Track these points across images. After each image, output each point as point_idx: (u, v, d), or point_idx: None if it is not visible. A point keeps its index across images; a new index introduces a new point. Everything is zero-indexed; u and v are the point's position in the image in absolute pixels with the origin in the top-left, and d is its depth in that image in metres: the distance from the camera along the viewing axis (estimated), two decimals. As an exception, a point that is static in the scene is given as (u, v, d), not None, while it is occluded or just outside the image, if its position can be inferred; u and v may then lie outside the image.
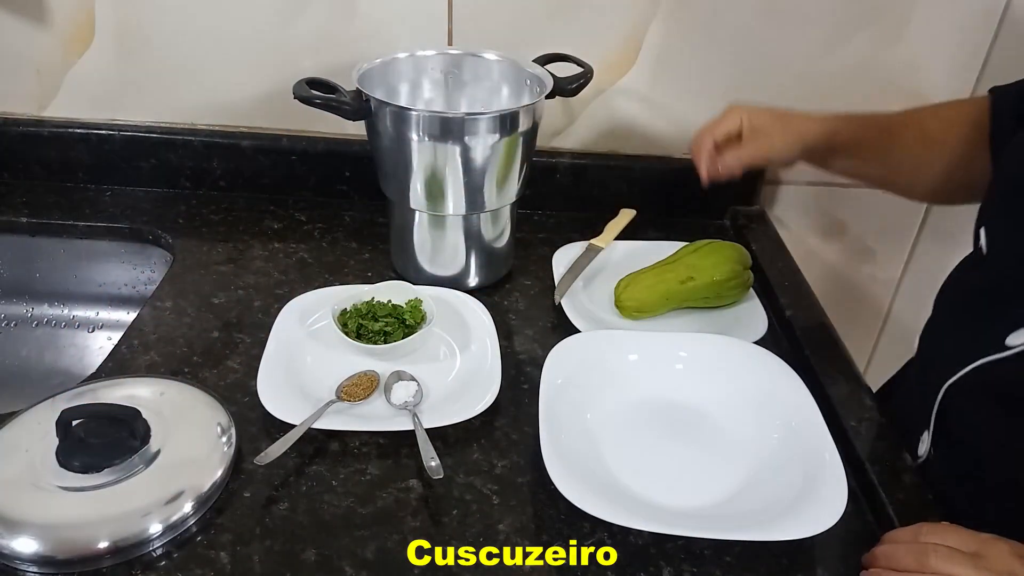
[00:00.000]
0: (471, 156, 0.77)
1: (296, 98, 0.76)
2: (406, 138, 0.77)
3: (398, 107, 0.77)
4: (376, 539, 0.59)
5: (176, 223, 0.96)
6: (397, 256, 0.89)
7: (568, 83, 0.83)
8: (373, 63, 0.83)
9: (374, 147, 0.82)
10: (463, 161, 0.77)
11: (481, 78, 0.89)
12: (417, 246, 0.85)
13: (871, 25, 0.94)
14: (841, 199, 1.08)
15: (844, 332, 0.83)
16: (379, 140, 0.80)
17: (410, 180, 0.80)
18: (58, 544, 0.56)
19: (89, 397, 0.66)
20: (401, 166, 0.79)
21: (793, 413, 0.68)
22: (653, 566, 0.59)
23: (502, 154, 0.78)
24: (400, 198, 0.83)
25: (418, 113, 0.77)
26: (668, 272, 0.84)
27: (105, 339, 0.99)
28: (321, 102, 0.76)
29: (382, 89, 0.84)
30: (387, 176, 0.83)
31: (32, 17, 0.93)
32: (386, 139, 0.78)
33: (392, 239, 0.90)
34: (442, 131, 0.76)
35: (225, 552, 0.57)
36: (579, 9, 0.93)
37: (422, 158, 0.77)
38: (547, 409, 0.66)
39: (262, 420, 0.68)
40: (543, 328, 0.83)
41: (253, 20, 0.93)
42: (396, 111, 0.76)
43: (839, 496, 0.59)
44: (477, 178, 0.79)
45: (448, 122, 0.76)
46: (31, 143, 0.99)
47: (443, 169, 0.78)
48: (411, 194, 0.81)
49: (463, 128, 0.75)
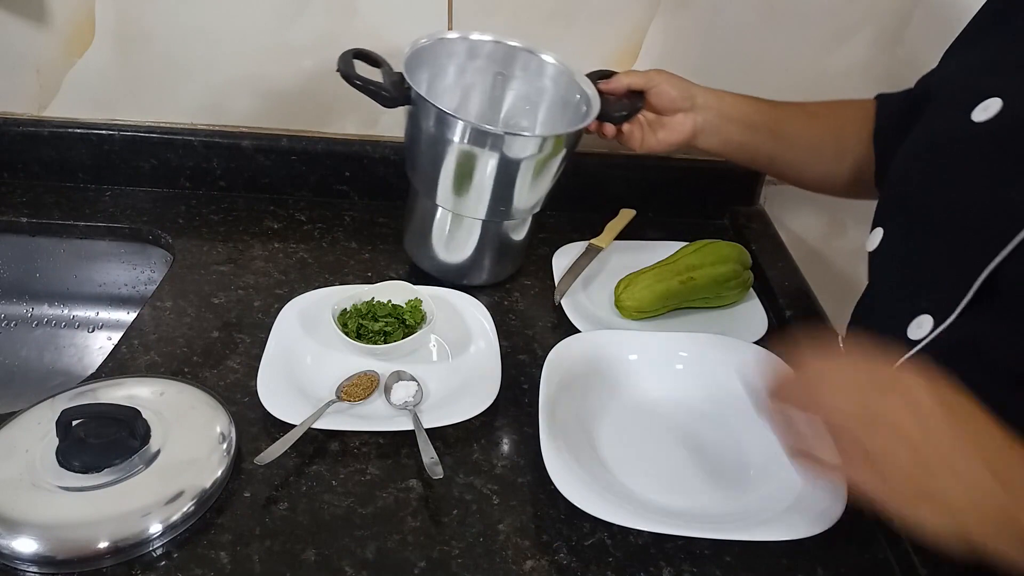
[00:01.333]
0: (504, 169, 0.77)
1: (338, 71, 0.75)
2: (444, 138, 0.76)
3: (438, 108, 0.74)
4: (376, 539, 0.59)
5: (176, 223, 0.96)
6: (411, 242, 0.89)
7: (617, 109, 0.81)
8: (422, 43, 0.80)
9: (410, 136, 0.81)
10: (496, 171, 0.77)
11: (532, 78, 0.87)
12: (434, 237, 0.85)
13: (871, 25, 0.94)
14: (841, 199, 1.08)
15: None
16: (416, 131, 0.79)
17: (439, 177, 0.79)
18: (58, 544, 0.56)
19: (89, 397, 0.66)
20: (433, 162, 0.79)
21: (793, 413, 0.68)
22: (653, 566, 0.59)
23: (534, 171, 0.78)
24: (426, 191, 0.82)
25: (458, 121, 0.74)
26: (668, 272, 0.84)
27: (105, 339, 0.99)
28: (361, 84, 0.75)
29: (428, 70, 0.82)
30: (417, 168, 0.82)
31: (32, 17, 0.93)
32: (423, 133, 0.77)
33: (408, 225, 0.89)
34: (479, 140, 0.75)
35: (225, 552, 0.57)
36: (579, 9, 0.93)
37: (455, 159, 0.77)
38: (547, 409, 0.66)
39: (262, 420, 0.68)
40: (543, 328, 0.83)
41: (253, 20, 0.93)
42: (436, 112, 0.75)
43: (839, 496, 0.59)
44: (505, 189, 0.79)
45: (485, 135, 0.75)
46: (31, 143, 0.99)
47: (473, 174, 0.77)
48: (439, 190, 0.80)
49: (501, 143, 0.75)
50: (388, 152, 0.99)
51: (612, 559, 0.59)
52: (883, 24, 0.94)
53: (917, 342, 0.61)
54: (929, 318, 0.60)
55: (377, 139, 1.00)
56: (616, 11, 0.93)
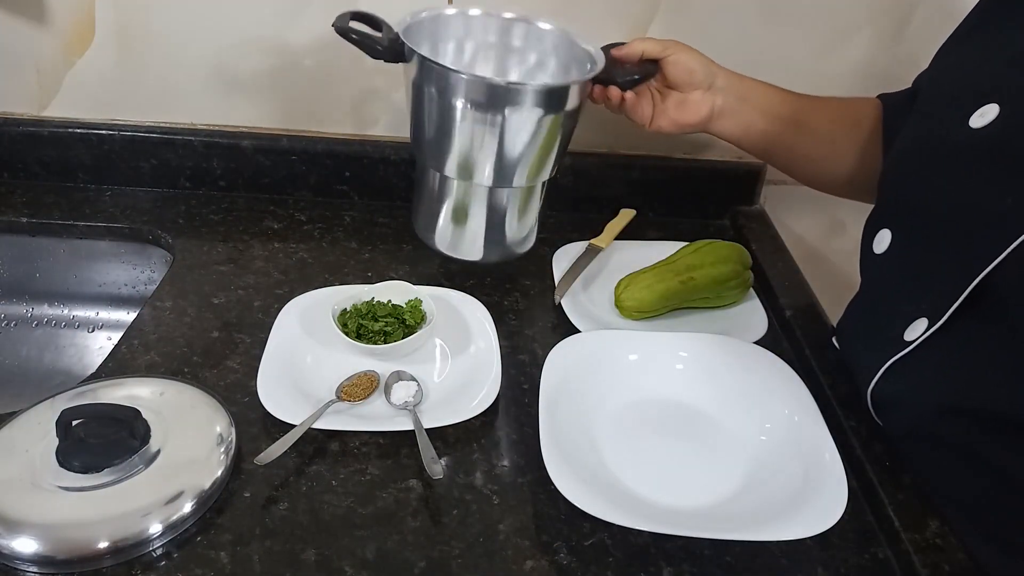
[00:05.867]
0: (511, 127, 0.74)
1: (334, 26, 0.74)
2: (447, 98, 0.74)
3: (439, 65, 0.72)
4: (376, 539, 0.59)
5: (176, 223, 0.96)
6: (422, 223, 0.87)
7: (625, 73, 0.78)
8: (419, 16, 0.79)
9: (414, 106, 0.79)
10: (502, 130, 0.74)
11: (531, 47, 0.85)
12: (444, 211, 0.83)
13: (871, 25, 0.94)
14: (841, 199, 1.07)
15: (844, 332, 0.83)
16: (420, 98, 0.77)
17: (445, 143, 0.77)
18: (58, 544, 0.56)
19: (89, 397, 0.66)
20: (439, 127, 0.76)
21: (793, 413, 0.68)
22: (653, 566, 0.59)
23: (542, 130, 0.75)
24: (434, 162, 0.80)
25: (461, 75, 0.73)
26: (668, 272, 0.84)
27: (105, 339, 0.99)
28: (357, 37, 0.74)
29: (427, 44, 0.81)
30: (422, 140, 0.80)
31: (32, 17, 0.93)
32: (426, 97, 0.75)
33: (417, 207, 0.87)
34: (483, 96, 0.73)
35: (225, 552, 0.57)
36: (579, 9, 0.93)
37: (460, 120, 0.74)
38: (547, 409, 0.66)
39: (262, 420, 0.68)
40: (543, 328, 0.83)
41: (253, 20, 0.93)
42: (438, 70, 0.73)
43: (839, 496, 0.59)
44: (512, 150, 0.76)
45: (489, 88, 0.72)
46: (31, 143, 0.99)
47: (481, 135, 0.75)
48: (447, 158, 0.78)
49: (506, 97, 0.72)
50: (388, 152, 0.99)
51: (612, 559, 0.59)
52: (883, 24, 0.94)
53: (911, 342, 0.61)
54: (925, 320, 0.61)
55: (377, 139, 1.00)
56: (616, 11, 0.93)
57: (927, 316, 0.60)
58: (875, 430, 0.69)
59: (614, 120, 1.02)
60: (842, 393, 0.73)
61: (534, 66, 0.87)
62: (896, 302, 0.65)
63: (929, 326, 0.60)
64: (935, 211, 0.61)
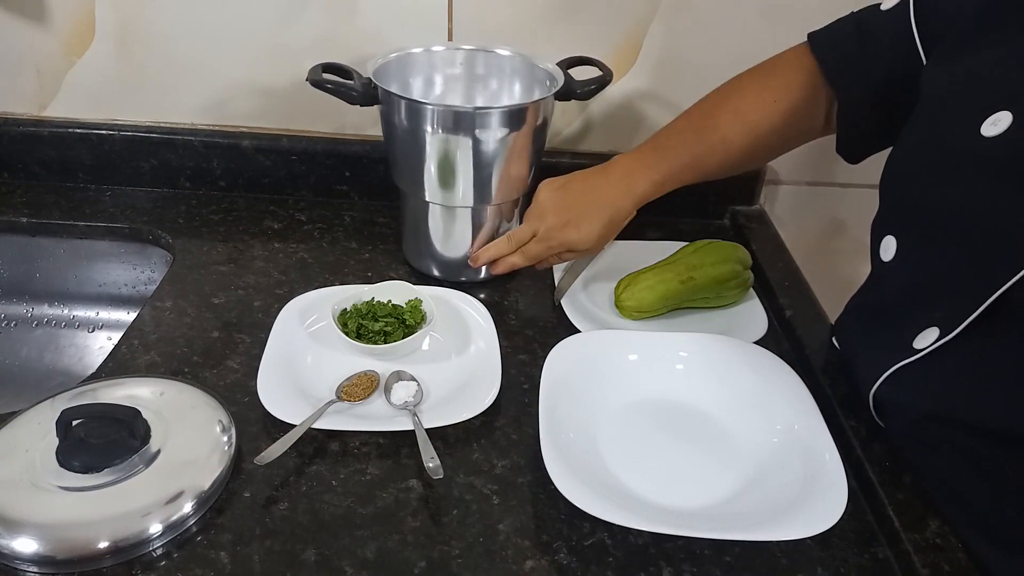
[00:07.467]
0: (481, 149, 0.78)
1: (308, 80, 0.78)
2: (418, 129, 0.78)
3: (407, 99, 0.77)
4: (376, 539, 0.59)
5: (176, 223, 0.96)
6: (409, 247, 0.90)
7: (583, 85, 0.82)
8: (388, 58, 0.84)
9: (388, 139, 0.83)
10: (474, 153, 0.78)
11: (493, 74, 0.90)
12: (431, 235, 0.86)
13: (871, 25, 0.94)
14: (841, 199, 1.08)
15: (844, 332, 0.83)
16: (391, 132, 0.81)
17: (421, 170, 0.81)
18: (58, 544, 0.56)
19: (89, 397, 0.66)
20: (413, 157, 0.81)
21: (793, 413, 0.68)
22: (653, 566, 0.59)
23: (510, 148, 0.79)
24: (412, 189, 0.84)
25: (427, 106, 0.77)
26: (668, 272, 0.84)
27: (105, 339, 0.99)
28: (331, 87, 0.79)
29: (397, 83, 0.85)
30: (399, 168, 0.84)
31: (32, 17, 0.93)
32: (398, 131, 0.80)
33: (404, 231, 0.90)
34: (451, 123, 0.77)
35: (225, 552, 0.57)
36: (579, 9, 0.93)
37: (432, 148, 0.79)
38: (547, 409, 0.66)
39: (262, 420, 0.68)
40: (543, 328, 0.83)
41: (253, 20, 0.93)
42: (406, 104, 0.77)
43: (839, 496, 0.59)
44: (486, 170, 0.80)
45: (456, 115, 0.77)
46: (31, 143, 0.99)
47: (453, 160, 0.79)
48: (424, 185, 0.82)
49: (473, 122, 0.77)
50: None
51: (612, 559, 0.59)
52: (883, 24, 0.94)
53: (920, 350, 0.61)
54: (937, 330, 0.60)
55: (377, 139, 1.00)
56: (616, 11, 0.93)
57: (939, 326, 0.60)
58: (875, 430, 0.69)
59: (613, 121, 1.02)
60: (842, 393, 0.73)
61: (497, 90, 0.90)
62: (905, 309, 0.64)
63: (940, 336, 0.59)
64: (945, 221, 0.60)
